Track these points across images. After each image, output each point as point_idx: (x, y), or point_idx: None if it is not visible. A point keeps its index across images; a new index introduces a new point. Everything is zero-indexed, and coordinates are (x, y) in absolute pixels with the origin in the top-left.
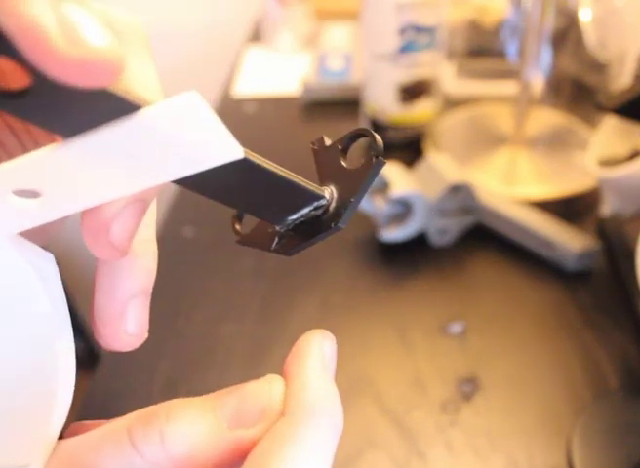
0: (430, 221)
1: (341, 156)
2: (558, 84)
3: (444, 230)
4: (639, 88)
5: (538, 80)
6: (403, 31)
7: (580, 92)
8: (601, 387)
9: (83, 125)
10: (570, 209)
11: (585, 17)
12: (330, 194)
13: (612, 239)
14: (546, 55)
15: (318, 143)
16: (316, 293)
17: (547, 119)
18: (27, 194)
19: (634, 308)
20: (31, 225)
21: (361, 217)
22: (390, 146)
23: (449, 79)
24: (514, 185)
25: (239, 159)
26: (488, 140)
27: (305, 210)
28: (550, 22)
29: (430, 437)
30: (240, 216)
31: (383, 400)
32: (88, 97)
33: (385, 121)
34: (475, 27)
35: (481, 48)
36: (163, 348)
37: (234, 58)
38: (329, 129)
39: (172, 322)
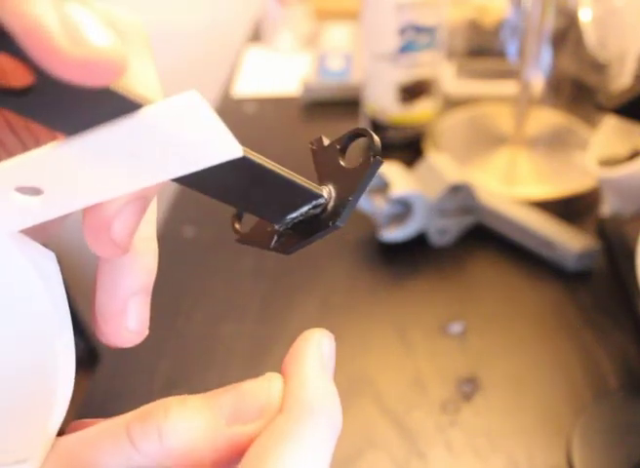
0: (430, 221)
1: (340, 156)
2: (558, 84)
3: (444, 230)
4: (639, 88)
5: (538, 80)
6: (403, 31)
7: (580, 92)
8: (601, 387)
9: (85, 123)
10: (570, 209)
11: (585, 17)
12: (328, 193)
13: (612, 239)
14: (546, 55)
15: (317, 143)
16: (316, 293)
17: (547, 119)
18: (29, 191)
19: (634, 308)
20: (33, 223)
21: (361, 217)
22: (390, 146)
23: (449, 79)
24: (514, 185)
25: (238, 158)
26: (488, 140)
27: (304, 208)
28: (550, 22)
29: (430, 437)
30: (240, 215)
31: (383, 400)
32: (90, 95)
33: (385, 121)
34: (475, 27)
35: (481, 48)
36: (163, 348)
37: (234, 58)
38: (329, 129)
39: (172, 321)
